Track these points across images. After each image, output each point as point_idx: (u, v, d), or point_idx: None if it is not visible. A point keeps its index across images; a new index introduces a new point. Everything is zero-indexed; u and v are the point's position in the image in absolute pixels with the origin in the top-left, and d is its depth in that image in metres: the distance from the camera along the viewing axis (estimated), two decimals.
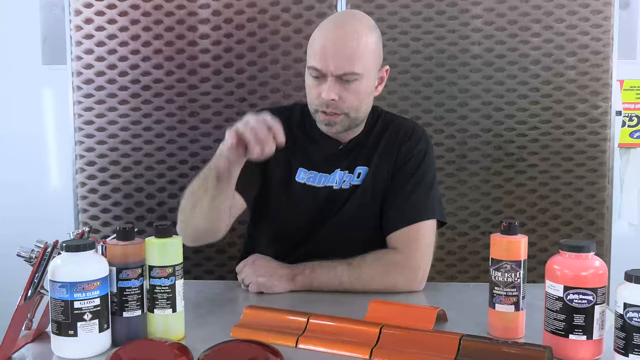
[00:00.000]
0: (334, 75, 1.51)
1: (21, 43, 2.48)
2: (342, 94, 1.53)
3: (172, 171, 2.18)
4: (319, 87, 1.55)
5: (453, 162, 2.16)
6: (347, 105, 1.55)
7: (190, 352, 1.14)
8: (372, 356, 1.15)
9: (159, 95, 2.16)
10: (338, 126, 1.58)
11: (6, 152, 2.52)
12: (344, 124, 1.58)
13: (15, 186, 2.53)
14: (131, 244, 1.19)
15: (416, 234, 1.58)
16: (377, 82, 1.62)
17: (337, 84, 1.52)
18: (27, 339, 1.23)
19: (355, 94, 1.54)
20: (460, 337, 1.14)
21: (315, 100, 1.57)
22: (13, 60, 2.49)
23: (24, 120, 2.51)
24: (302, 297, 1.51)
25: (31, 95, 2.52)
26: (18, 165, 2.53)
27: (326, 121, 1.57)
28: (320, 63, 1.52)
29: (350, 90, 1.53)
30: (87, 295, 1.12)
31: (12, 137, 2.52)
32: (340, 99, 1.53)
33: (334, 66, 1.50)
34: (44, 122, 2.53)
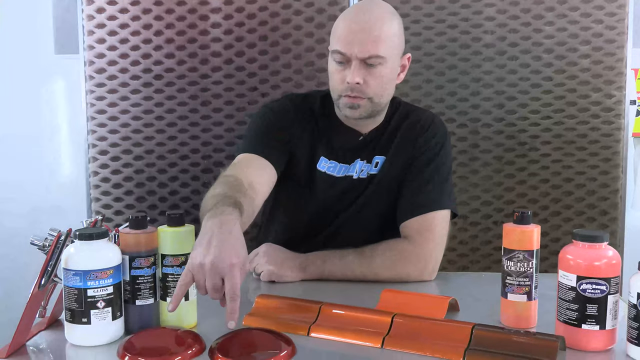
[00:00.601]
0: (358, 59, 1.52)
1: (34, 33, 2.48)
2: (366, 78, 1.53)
3: (184, 160, 2.19)
4: (343, 72, 1.55)
5: (465, 151, 2.15)
6: (371, 89, 1.55)
7: (202, 340, 1.14)
8: (383, 345, 1.15)
9: (170, 84, 2.16)
10: (362, 109, 1.57)
11: (19, 141, 2.53)
12: (367, 108, 1.58)
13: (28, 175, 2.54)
14: (144, 232, 1.19)
15: (429, 224, 1.58)
16: (399, 70, 1.61)
17: (362, 68, 1.53)
18: (41, 327, 1.24)
19: (379, 78, 1.55)
20: (473, 326, 1.14)
21: (339, 85, 1.57)
22: (26, 50, 2.50)
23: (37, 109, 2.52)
24: (313, 286, 1.52)
25: (44, 84, 2.53)
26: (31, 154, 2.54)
27: (350, 104, 1.57)
28: (345, 47, 1.52)
29: (375, 74, 1.54)
30: (100, 284, 1.13)
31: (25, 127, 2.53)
32: (365, 83, 1.53)
33: (358, 49, 1.51)
34: (56, 111, 2.54)
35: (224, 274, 1.12)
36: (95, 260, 1.13)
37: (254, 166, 1.56)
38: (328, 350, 1.15)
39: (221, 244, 1.14)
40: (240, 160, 1.59)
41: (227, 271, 1.12)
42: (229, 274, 1.12)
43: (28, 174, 2.55)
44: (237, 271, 1.12)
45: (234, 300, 1.11)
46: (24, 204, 2.54)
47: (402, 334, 1.16)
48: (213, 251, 1.13)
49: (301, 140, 1.66)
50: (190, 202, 2.18)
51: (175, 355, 1.09)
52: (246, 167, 1.54)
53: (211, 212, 1.24)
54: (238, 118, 2.16)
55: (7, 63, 2.51)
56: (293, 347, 1.12)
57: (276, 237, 1.66)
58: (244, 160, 1.59)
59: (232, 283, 1.11)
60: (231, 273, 1.12)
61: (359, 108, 1.57)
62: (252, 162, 1.57)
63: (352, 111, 1.58)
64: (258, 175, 1.54)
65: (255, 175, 1.52)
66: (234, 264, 1.12)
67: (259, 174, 1.55)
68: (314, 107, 1.70)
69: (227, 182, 1.42)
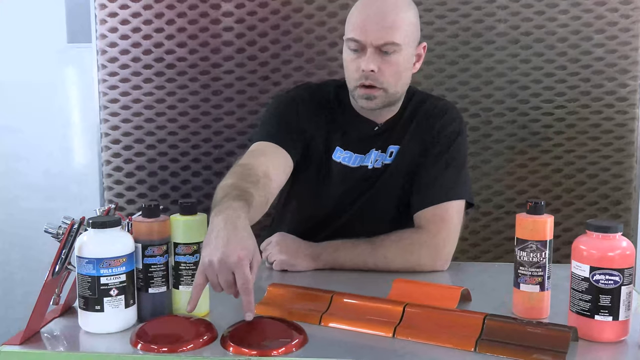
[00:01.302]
0: (373, 46, 1.51)
1: (46, 22, 2.49)
2: (381, 66, 1.53)
3: (196, 149, 2.19)
4: (358, 61, 1.54)
5: (477, 141, 2.14)
6: (386, 78, 1.54)
7: (214, 329, 1.15)
8: (395, 334, 1.15)
9: (182, 73, 2.16)
10: (377, 100, 1.57)
11: (32, 130, 2.54)
12: (383, 99, 1.57)
13: (41, 164, 2.56)
14: (156, 221, 1.20)
15: (443, 214, 1.58)
16: (414, 59, 1.60)
17: (377, 56, 1.52)
18: (55, 314, 1.25)
19: (394, 66, 1.54)
20: (485, 316, 1.14)
21: (354, 74, 1.56)
22: (38, 39, 2.50)
23: (49, 99, 2.53)
24: (325, 276, 1.52)
25: (57, 74, 2.53)
26: (44, 143, 2.55)
27: (366, 95, 1.56)
28: (360, 34, 1.52)
29: (390, 62, 1.53)
30: (113, 271, 1.14)
31: (38, 116, 2.53)
32: (380, 71, 1.53)
33: (374, 36, 1.50)
34: (69, 100, 2.54)
35: (233, 269, 1.12)
36: (108, 248, 1.14)
37: (270, 154, 1.56)
38: (339, 339, 1.15)
39: (227, 240, 1.14)
40: (256, 148, 1.59)
41: (236, 266, 1.12)
42: (238, 269, 1.12)
43: (41, 162, 2.56)
44: (246, 264, 1.13)
45: (247, 294, 1.12)
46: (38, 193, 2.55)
47: (414, 324, 1.16)
48: (220, 249, 1.13)
49: (317, 130, 1.66)
50: (202, 191, 2.19)
51: (188, 343, 1.10)
52: (261, 155, 1.54)
53: (217, 208, 1.23)
54: (250, 107, 2.16)
55: (20, 53, 2.51)
56: (305, 336, 1.13)
57: (290, 227, 1.66)
58: (259, 149, 1.58)
59: (242, 277, 1.12)
60: (240, 267, 1.12)
61: (375, 99, 1.56)
62: (267, 150, 1.57)
63: (367, 102, 1.57)
64: (274, 162, 1.54)
65: (271, 163, 1.52)
66: (241, 257, 1.12)
67: (275, 162, 1.54)
68: (329, 97, 1.69)
69: (239, 172, 1.42)
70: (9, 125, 2.54)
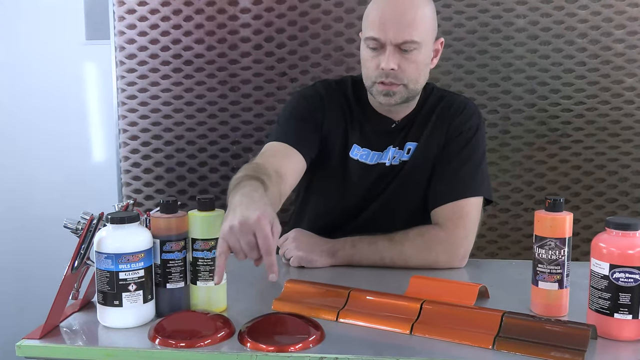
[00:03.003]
0: (392, 45, 1.51)
1: (65, 19, 2.50)
2: (401, 63, 1.52)
3: (213, 145, 2.19)
4: (377, 59, 1.54)
5: (495, 137, 2.13)
6: (407, 75, 1.54)
7: (232, 324, 1.15)
8: (412, 331, 1.15)
9: (200, 70, 2.17)
10: (397, 96, 1.56)
11: (51, 127, 2.55)
12: (402, 95, 1.56)
13: (60, 160, 2.57)
14: (175, 216, 1.20)
15: (461, 211, 1.57)
16: (432, 55, 1.60)
17: (396, 54, 1.51)
18: (74, 308, 1.26)
19: (414, 64, 1.53)
20: (503, 314, 1.13)
21: (373, 72, 1.55)
22: (57, 36, 2.52)
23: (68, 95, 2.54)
24: (342, 272, 1.52)
25: (75, 70, 2.55)
26: (63, 139, 2.56)
27: (385, 91, 1.55)
28: (379, 32, 1.51)
29: (409, 60, 1.52)
30: (131, 267, 1.14)
31: (57, 113, 2.55)
32: (400, 68, 1.52)
33: (393, 35, 1.50)
34: (87, 97, 2.56)
35: (254, 228, 1.11)
36: (126, 244, 1.14)
37: (281, 154, 1.56)
38: (356, 335, 1.15)
39: (245, 205, 1.15)
40: (268, 149, 1.59)
41: (256, 225, 1.11)
42: (258, 227, 1.11)
43: (60, 159, 2.58)
44: (266, 224, 1.11)
45: (268, 254, 1.11)
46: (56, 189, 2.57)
47: (431, 321, 1.16)
48: (238, 213, 1.13)
49: (334, 127, 1.65)
50: (219, 187, 2.19)
51: (205, 338, 1.10)
52: (272, 156, 1.54)
53: (233, 191, 1.24)
54: (267, 103, 2.16)
55: (39, 49, 2.53)
56: (322, 332, 1.13)
57: (309, 225, 1.66)
58: (271, 149, 1.59)
59: (263, 235, 1.11)
60: (260, 226, 1.11)
61: (394, 95, 1.56)
62: (279, 151, 1.57)
63: (387, 98, 1.57)
64: (285, 163, 1.53)
65: (282, 164, 1.52)
66: (260, 216, 1.11)
67: (286, 163, 1.54)
68: (346, 94, 1.69)
69: (250, 167, 1.42)
70: (28, 121, 2.56)
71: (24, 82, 2.56)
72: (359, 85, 1.66)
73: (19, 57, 2.54)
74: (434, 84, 1.73)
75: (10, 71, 2.56)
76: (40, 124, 2.57)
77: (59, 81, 2.55)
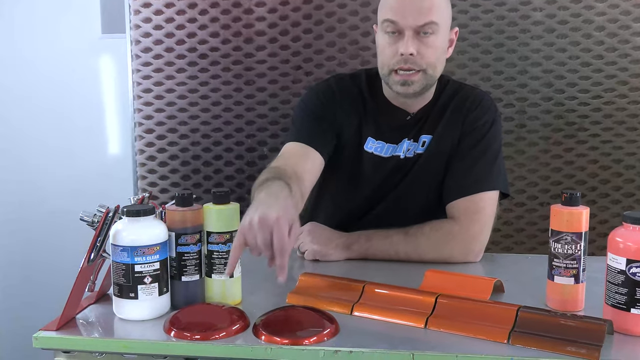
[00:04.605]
0: (412, 29, 1.50)
1: (81, 13, 2.51)
2: (420, 48, 1.51)
3: (228, 139, 2.20)
4: (395, 45, 1.52)
5: (511, 131, 2.12)
6: (425, 60, 1.52)
7: (247, 317, 1.16)
8: (427, 325, 1.15)
9: (215, 64, 2.17)
10: (415, 85, 1.55)
11: (67, 120, 2.57)
12: (421, 83, 1.55)
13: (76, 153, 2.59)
14: (190, 209, 1.21)
15: (477, 205, 1.56)
16: (448, 44, 1.59)
17: (415, 39, 1.50)
18: (90, 301, 1.27)
19: (433, 48, 1.52)
20: (518, 308, 1.13)
21: (391, 59, 1.54)
22: (73, 30, 2.53)
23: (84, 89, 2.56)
24: (357, 266, 1.52)
25: (91, 64, 2.56)
26: (79, 133, 2.58)
27: (402, 80, 1.54)
28: (398, 15, 1.50)
29: (428, 44, 1.51)
30: (147, 259, 1.15)
31: (73, 106, 2.57)
32: (419, 54, 1.51)
33: (413, 17, 1.49)
34: (103, 90, 2.57)
35: (272, 227, 1.11)
36: (142, 237, 1.15)
37: (299, 155, 1.56)
38: (371, 329, 1.15)
39: (267, 203, 1.16)
40: (285, 151, 1.60)
41: (275, 224, 1.11)
42: (276, 226, 1.11)
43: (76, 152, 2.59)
44: (284, 224, 1.12)
45: (282, 255, 1.11)
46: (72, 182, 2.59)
47: (446, 315, 1.16)
48: (260, 210, 1.14)
49: (348, 121, 1.65)
50: (235, 180, 2.20)
51: (220, 331, 1.11)
52: (290, 158, 1.55)
53: (259, 189, 1.26)
54: (282, 97, 2.16)
55: (55, 43, 2.55)
56: (336, 325, 1.13)
57: (324, 219, 1.66)
58: (288, 151, 1.59)
59: (280, 235, 1.11)
60: (278, 225, 1.11)
61: (413, 84, 1.54)
62: (296, 152, 1.58)
63: (404, 88, 1.55)
64: (303, 163, 1.54)
65: (300, 164, 1.53)
66: (280, 216, 1.12)
67: (304, 163, 1.55)
68: (361, 87, 1.68)
69: (272, 170, 1.44)
70: (44, 115, 2.58)
71: (40, 76, 2.58)
72: (374, 78, 1.66)
73: (36, 52, 2.56)
74: (449, 77, 1.72)
75: (26, 65, 2.58)
76: (56, 117, 2.58)
77: (75, 75, 2.57)
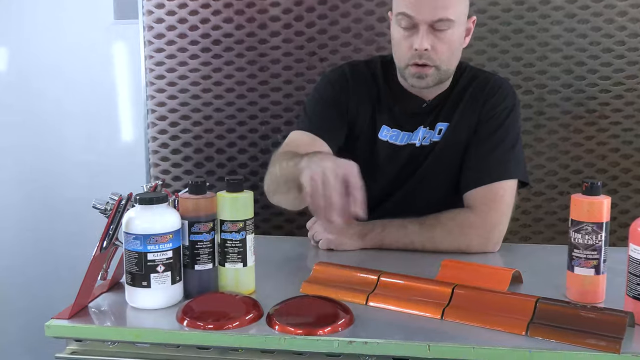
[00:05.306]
0: (426, 23, 1.49)
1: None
2: (434, 43, 1.50)
3: (242, 126, 2.19)
4: (409, 39, 1.52)
5: (530, 119, 2.10)
6: (439, 56, 1.52)
7: (260, 306, 1.16)
8: (443, 316, 1.14)
9: (229, 50, 2.16)
10: (429, 79, 1.55)
11: (79, 107, 2.57)
12: (435, 77, 1.55)
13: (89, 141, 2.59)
14: (203, 197, 1.21)
15: (495, 194, 1.55)
16: (464, 34, 1.58)
17: (430, 34, 1.50)
18: (103, 289, 1.28)
19: (448, 44, 1.52)
20: (537, 299, 1.12)
21: (406, 53, 1.54)
22: (86, 16, 2.53)
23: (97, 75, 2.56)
24: (372, 255, 1.51)
25: (103, 50, 2.56)
26: (91, 120, 2.58)
27: (418, 74, 1.54)
28: (413, 9, 1.49)
29: (443, 39, 1.51)
30: (160, 248, 1.15)
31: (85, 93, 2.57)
32: (433, 49, 1.51)
33: (428, 12, 1.48)
34: (116, 77, 2.57)
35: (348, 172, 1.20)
36: (155, 225, 1.15)
37: (305, 145, 1.56)
38: (386, 320, 1.15)
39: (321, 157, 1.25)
40: (292, 140, 1.61)
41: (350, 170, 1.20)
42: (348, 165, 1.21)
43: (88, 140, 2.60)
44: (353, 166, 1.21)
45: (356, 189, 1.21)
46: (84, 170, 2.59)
47: (463, 306, 1.15)
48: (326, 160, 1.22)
49: (361, 109, 1.64)
50: (248, 168, 2.20)
51: (234, 320, 1.11)
52: (297, 147, 1.54)
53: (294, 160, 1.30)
54: (296, 83, 2.15)
55: (67, 29, 2.55)
56: (351, 315, 1.13)
57: None
58: (295, 140, 1.60)
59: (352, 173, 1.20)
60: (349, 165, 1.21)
61: (427, 78, 1.54)
62: (303, 141, 1.58)
63: (419, 81, 1.55)
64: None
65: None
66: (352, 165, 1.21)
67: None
68: (376, 74, 1.67)
69: (286, 153, 1.44)
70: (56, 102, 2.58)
71: (52, 63, 2.57)
72: (389, 65, 1.64)
73: (48, 39, 2.56)
74: (467, 63, 1.70)
75: (39, 52, 2.58)
76: (69, 104, 2.58)
77: (87, 61, 2.57)
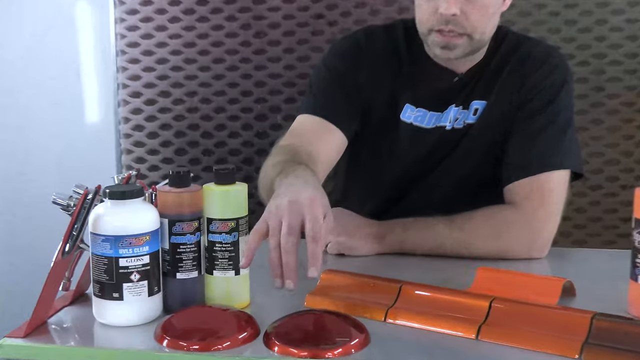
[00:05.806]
0: None
1: None
2: (465, 8, 1.50)
3: (234, 105, 2.20)
4: (434, 1, 1.52)
5: (586, 95, 2.11)
6: (471, 23, 1.52)
7: (256, 323, 1.16)
8: (479, 336, 1.15)
9: (217, 11, 2.17)
10: (458, 50, 1.55)
11: (35, 78, 2.56)
12: (465, 48, 1.55)
13: (46, 122, 2.59)
14: (187, 191, 1.21)
15: (542, 188, 1.55)
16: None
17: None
18: (65, 302, 1.28)
19: (482, 9, 1.51)
20: (592, 316, 1.12)
21: (430, 17, 1.54)
22: None
23: (57, 41, 2.56)
24: (391, 262, 1.52)
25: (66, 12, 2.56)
26: (49, 95, 2.57)
27: (443, 43, 1.54)
28: None
29: (476, 3, 1.51)
30: (134, 252, 1.16)
31: (43, 63, 2.57)
32: (463, 14, 1.50)
33: None
34: (79, 44, 2.57)
35: (304, 210, 1.15)
36: (128, 224, 1.16)
37: (314, 132, 1.58)
38: (409, 340, 1.15)
39: (297, 188, 1.21)
40: (298, 126, 1.62)
41: (307, 205, 1.16)
42: (309, 208, 1.15)
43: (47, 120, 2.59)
44: (319, 207, 1.16)
45: (316, 241, 1.14)
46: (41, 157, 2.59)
47: (503, 323, 1.16)
48: (291, 193, 1.18)
49: (379, 86, 1.65)
50: (241, 155, 2.21)
51: (224, 340, 1.11)
52: (303, 135, 1.56)
53: (280, 175, 1.28)
54: (299, 52, 2.16)
55: None
56: (366, 334, 1.13)
57: (354, 205, 1.66)
58: (301, 126, 1.61)
59: (314, 217, 1.15)
60: (311, 207, 1.15)
61: (455, 49, 1.54)
62: (311, 128, 1.60)
63: (445, 51, 1.55)
64: (318, 143, 1.56)
65: (315, 144, 1.55)
66: (315, 198, 1.17)
67: (320, 142, 1.57)
68: (397, 42, 1.68)
69: (286, 150, 1.46)
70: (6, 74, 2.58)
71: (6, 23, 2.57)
72: (413, 31, 1.64)
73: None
74: (508, 28, 1.70)
75: None
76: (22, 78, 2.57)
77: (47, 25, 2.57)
